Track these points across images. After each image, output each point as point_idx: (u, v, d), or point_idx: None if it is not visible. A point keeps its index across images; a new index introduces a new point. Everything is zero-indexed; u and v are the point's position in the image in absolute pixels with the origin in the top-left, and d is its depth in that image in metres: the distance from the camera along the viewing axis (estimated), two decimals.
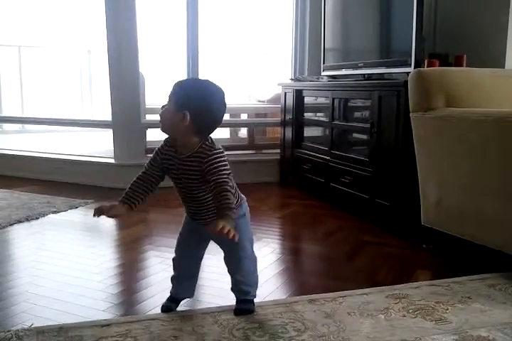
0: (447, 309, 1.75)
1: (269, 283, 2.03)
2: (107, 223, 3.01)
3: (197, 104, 1.50)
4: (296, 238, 2.74)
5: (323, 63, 3.73)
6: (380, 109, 2.76)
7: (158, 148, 1.63)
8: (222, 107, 1.56)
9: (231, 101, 5.03)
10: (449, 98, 2.27)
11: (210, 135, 1.58)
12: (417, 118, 2.32)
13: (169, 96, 1.54)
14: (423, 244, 2.46)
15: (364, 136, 3.04)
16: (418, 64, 2.73)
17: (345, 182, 3.10)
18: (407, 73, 2.51)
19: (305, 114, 3.81)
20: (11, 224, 2.78)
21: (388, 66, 3.01)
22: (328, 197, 3.37)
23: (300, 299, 1.82)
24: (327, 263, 2.33)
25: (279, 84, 4.08)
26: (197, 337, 1.55)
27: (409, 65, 2.75)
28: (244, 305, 1.71)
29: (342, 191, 3.15)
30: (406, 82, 2.42)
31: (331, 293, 1.87)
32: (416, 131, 2.34)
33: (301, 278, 2.14)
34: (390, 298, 1.83)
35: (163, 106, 1.55)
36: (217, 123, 1.57)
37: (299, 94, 3.78)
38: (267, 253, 2.42)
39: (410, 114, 2.35)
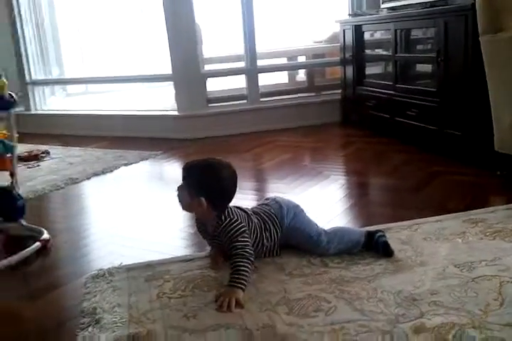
0: None
1: (341, 217, 2.06)
2: (177, 172, 3.11)
3: (209, 188, 1.57)
4: (363, 173, 2.73)
5: None
6: (446, 36, 2.65)
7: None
8: (234, 181, 1.61)
9: (287, 44, 4.98)
10: None
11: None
12: (488, 41, 2.22)
13: (182, 179, 1.61)
14: (497, 170, 2.40)
15: (430, 66, 2.94)
16: None
17: (412, 115, 3.03)
18: None
19: (366, 51, 3.70)
20: (88, 178, 2.91)
21: None
22: (394, 132, 3.31)
23: (374, 228, 1.83)
24: (397, 194, 2.31)
25: (336, 21, 3.97)
26: (275, 266, 1.61)
27: None
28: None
29: (408, 125, 3.09)
30: (473, 4, 2.31)
31: (405, 221, 1.88)
32: (486, 54, 2.25)
33: (372, 209, 2.15)
34: (466, 223, 1.82)
35: (178, 188, 1.61)
36: (232, 196, 1.62)
37: (358, 30, 3.67)
38: (336, 189, 2.44)
39: (480, 37, 2.25)
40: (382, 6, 3.60)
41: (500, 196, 2.13)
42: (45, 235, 1.95)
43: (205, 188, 1.57)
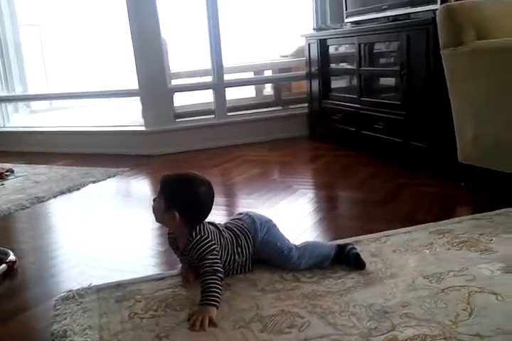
0: (491, 240, 1.76)
1: (311, 230, 2.07)
2: (145, 188, 3.09)
3: (185, 202, 1.56)
4: (331, 187, 2.75)
5: (346, 9, 3.64)
6: (408, 50, 2.71)
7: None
8: (210, 198, 1.61)
9: (254, 58, 5.01)
10: (479, 31, 2.22)
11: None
12: (449, 54, 2.28)
13: (159, 191, 1.61)
14: (461, 181, 2.46)
15: (394, 80, 3.00)
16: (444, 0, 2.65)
17: (378, 128, 3.08)
18: (433, 11, 2.45)
19: (331, 65, 3.76)
20: (55, 196, 2.86)
21: (413, 5, 2.92)
22: (360, 145, 3.36)
23: (344, 241, 1.84)
24: (365, 207, 2.35)
25: (302, 36, 4.02)
26: (248, 282, 1.61)
27: (435, 2, 2.67)
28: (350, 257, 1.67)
29: (374, 138, 3.14)
30: (434, 18, 2.38)
31: (374, 234, 1.90)
32: (448, 68, 2.31)
33: (341, 223, 2.16)
34: (433, 234, 1.85)
35: (154, 199, 1.61)
36: (207, 214, 1.61)
37: (323, 44, 3.72)
38: (305, 203, 2.45)
39: (441, 51, 2.32)
40: (346, 20, 3.67)
41: (466, 206, 2.18)
42: (11, 257, 1.90)
43: (181, 202, 1.56)
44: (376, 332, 1.28)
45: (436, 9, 2.39)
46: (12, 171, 3.44)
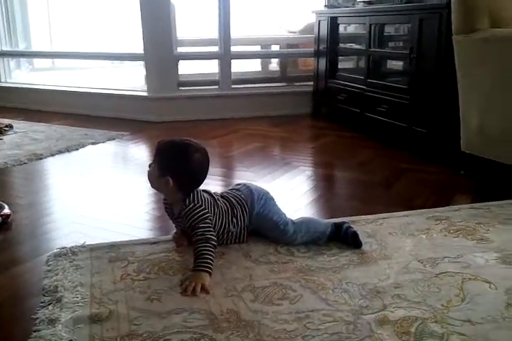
0: (488, 230, 1.76)
1: (307, 208, 2.07)
2: (143, 153, 3.07)
3: (178, 168, 1.55)
4: (331, 166, 2.75)
5: None
6: (420, 33, 2.68)
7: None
8: (204, 165, 1.60)
9: (262, 32, 4.95)
10: (494, 19, 2.19)
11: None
12: (460, 41, 2.25)
13: (154, 157, 1.59)
14: (461, 170, 2.45)
15: (402, 63, 2.98)
16: None
17: (382, 111, 3.06)
18: None
19: (340, 44, 3.71)
20: (53, 155, 2.84)
21: None
22: (363, 127, 3.35)
23: (340, 220, 1.84)
24: (364, 188, 2.34)
25: (313, 12, 3.96)
26: (242, 252, 1.61)
27: None
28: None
29: (378, 120, 3.12)
30: (448, 3, 2.34)
31: (371, 215, 1.90)
32: (458, 54, 2.28)
33: (339, 202, 2.16)
34: (430, 220, 1.85)
35: (150, 165, 1.60)
36: (201, 181, 1.60)
37: (333, 22, 3.67)
38: (303, 180, 2.45)
39: (453, 37, 2.28)
40: None
41: (465, 195, 2.17)
42: (6, 210, 1.89)
43: (174, 168, 1.55)
44: (367, 310, 1.28)
45: None
46: (11, 127, 3.41)
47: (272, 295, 1.36)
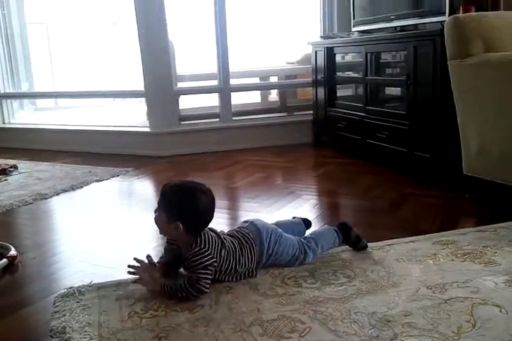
0: (495, 252, 1.75)
1: None
2: (148, 189, 3.09)
3: (186, 213, 1.57)
4: (335, 194, 2.75)
5: (353, 18, 3.66)
6: (415, 60, 2.72)
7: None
8: (211, 207, 1.62)
9: (260, 64, 5.02)
10: (487, 43, 2.23)
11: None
12: (456, 66, 2.28)
13: (158, 203, 1.62)
14: (465, 193, 2.45)
15: (400, 89, 3.01)
16: (453, 11, 2.66)
17: (382, 137, 3.08)
18: (441, 23, 2.45)
19: (337, 73, 3.76)
20: (58, 194, 2.86)
21: (421, 16, 2.93)
22: (364, 154, 3.36)
23: (346, 248, 1.84)
24: (369, 215, 2.34)
25: (308, 43, 4.03)
26: (250, 285, 1.60)
27: (444, 14, 2.68)
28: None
29: (379, 147, 3.14)
30: (442, 30, 2.38)
31: (377, 242, 1.89)
32: (455, 79, 2.31)
33: None
34: (437, 245, 1.84)
35: (155, 211, 1.62)
36: (208, 221, 1.62)
37: (330, 52, 3.73)
38: (309, 209, 2.44)
39: (448, 62, 2.32)
40: (354, 29, 3.68)
41: (470, 218, 2.17)
42: (13, 251, 1.90)
43: (183, 214, 1.56)
44: (378, 340, 1.27)
45: (444, 21, 2.41)
46: (16, 167, 3.44)
47: (280, 328, 1.35)
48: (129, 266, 1.61)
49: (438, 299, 1.45)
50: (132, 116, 5.00)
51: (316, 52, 3.92)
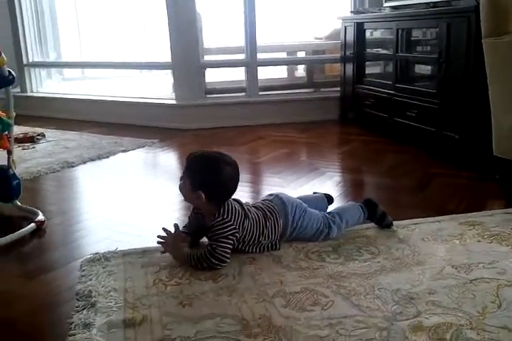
0: None
1: None
2: (172, 160, 3.10)
3: (209, 183, 1.57)
4: (359, 172, 2.73)
5: None
6: (448, 38, 2.65)
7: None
8: (235, 178, 1.62)
9: (288, 38, 4.96)
10: None
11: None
12: (491, 44, 2.22)
13: (183, 172, 1.62)
14: (495, 175, 2.41)
15: (431, 67, 2.95)
16: None
17: (411, 116, 3.03)
18: None
19: (366, 49, 3.70)
20: (84, 162, 2.89)
21: None
22: (392, 132, 3.32)
23: (371, 225, 1.83)
24: (395, 193, 2.31)
25: (339, 18, 3.96)
26: (273, 258, 1.61)
27: None
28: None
29: (407, 125, 3.09)
30: (477, 6, 2.31)
31: (402, 221, 1.88)
32: (489, 58, 2.25)
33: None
34: (463, 225, 1.82)
35: (181, 178, 1.62)
36: (232, 193, 1.62)
37: (360, 28, 3.66)
38: (332, 186, 2.43)
39: (483, 40, 2.25)
40: (385, 4, 3.60)
41: (498, 200, 2.14)
42: (40, 216, 1.93)
43: (205, 183, 1.57)
44: (401, 316, 1.27)
45: None
46: (43, 135, 3.48)
47: (303, 300, 1.36)
48: (158, 237, 1.62)
49: (463, 279, 1.44)
50: (159, 88, 4.99)
51: (345, 27, 3.85)
